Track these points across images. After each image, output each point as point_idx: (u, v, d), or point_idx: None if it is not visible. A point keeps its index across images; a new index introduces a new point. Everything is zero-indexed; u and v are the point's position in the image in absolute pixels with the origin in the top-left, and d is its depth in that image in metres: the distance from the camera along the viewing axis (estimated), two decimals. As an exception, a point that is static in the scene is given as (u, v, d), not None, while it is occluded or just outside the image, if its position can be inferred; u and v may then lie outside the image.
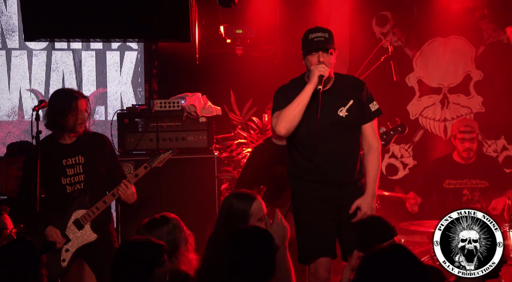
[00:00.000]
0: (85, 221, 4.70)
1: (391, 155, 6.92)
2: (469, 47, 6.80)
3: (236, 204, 3.86)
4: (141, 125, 5.62)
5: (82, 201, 4.72)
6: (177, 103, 5.66)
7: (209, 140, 5.66)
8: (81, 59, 6.70)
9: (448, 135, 6.82)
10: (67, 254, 4.69)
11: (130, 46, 6.70)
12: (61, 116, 4.67)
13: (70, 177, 4.74)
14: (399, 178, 6.89)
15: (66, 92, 4.80)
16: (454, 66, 6.82)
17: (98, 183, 4.82)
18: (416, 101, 6.90)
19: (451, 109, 6.85)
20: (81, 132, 4.77)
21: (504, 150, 6.79)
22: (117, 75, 6.75)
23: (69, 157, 4.75)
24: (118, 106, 6.66)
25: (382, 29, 6.85)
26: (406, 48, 6.86)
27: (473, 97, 6.83)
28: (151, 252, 3.37)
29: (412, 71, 6.89)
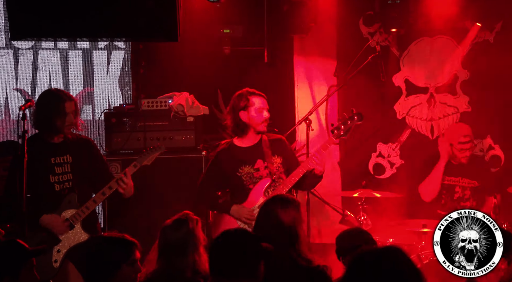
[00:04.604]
0: (75, 221, 4.70)
1: (378, 154, 6.94)
2: (455, 47, 6.83)
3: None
4: (128, 124, 5.63)
5: (71, 200, 4.73)
6: (164, 103, 5.67)
7: (197, 139, 5.68)
8: (68, 59, 6.68)
9: (435, 135, 6.84)
10: (59, 254, 4.69)
11: (117, 45, 6.70)
12: (48, 118, 4.69)
13: (59, 175, 4.75)
14: (386, 177, 6.91)
15: (54, 94, 4.80)
16: (440, 66, 6.85)
17: (86, 182, 4.84)
18: (403, 100, 6.93)
19: (438, 109, 6.88)
20: (68, 134, 4.78)
21: (490, 149, 6.81)
22: (104, 74, 6.74)
23: (58, 156, 4.76)
24: (105, 106, 6.65)
25: (369, 29, 6.86)
26: (393, 48, 6.88)
27: (460, 97, 6.85)
28: (120, 248, 3.40)
29: (399, 70, 6.91)
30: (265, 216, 3.90)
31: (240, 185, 5.02)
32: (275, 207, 3.89)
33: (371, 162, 6.93)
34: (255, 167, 5.01)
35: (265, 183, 4.98)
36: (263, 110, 5.00)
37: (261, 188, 4.98)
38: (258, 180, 5.00)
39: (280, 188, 4.92)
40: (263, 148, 5.03)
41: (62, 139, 4.78)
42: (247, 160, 5.02)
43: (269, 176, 4.97)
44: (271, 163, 4.98)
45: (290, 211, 3.87)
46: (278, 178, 4.99)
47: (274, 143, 5.08)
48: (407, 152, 6.88)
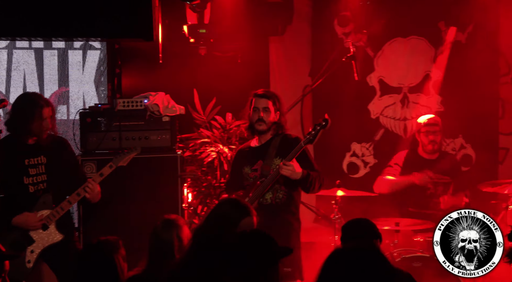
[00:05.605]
0: (49, 222, 4.69)
1: (352, 154, 7.00)
2: (428, 48, 6.91)
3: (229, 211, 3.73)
4: (103, 124, 5.60)
5: (46, 201, 4.72)
6: (140, 103, 5.65)
7: (172, 139, 5.65)
8: (43, 58, 6.63)
9: (408, 134, 6.92)
10: (32, 255, 4.68)
11: (93, 45, 6.65)
12: (25, 123, 4.67)
13: (33, 176, 4.73)
14: (360, 176, 6.97)
15: (31, 99, 4.77)
16: (414, 66, 6.93)
17: (60, 183, 4.82)
18: (377, 100, 7.00)
19: (411, 109, 6.96)
20: (44, 137, 4.77)
21: (462, 148, 6.92)
22: (80, 74, 6.69)
23: (32, 157, 4.74)
24: (80, 106, 6.60)
25: (344, 29, 6.91)
26: (367, 48, 6.93)
27: (433, 97, 6.93)
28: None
29: (373, 71, 6.98)
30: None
31: (242, 185, 4.98)
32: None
33: (345, 161, 6.99)
34: (253, 168, 4.94)
35: (256, 184, 4.91)
36: (258, 110, 4.94)
37: (251, 189, 4.91)
38: (252, 180, 4.93)
39: (258, 191, 4.84)
40: (269, 148, 4.95)
41: (36, 140, 4.76)
42: (249, 160, 4.96)
43: (257, 178, 4.89)
44: (268, 164, 4.89)
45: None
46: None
47: (285, 143, 4.93)
48: (381, 151, 6.94)
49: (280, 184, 4.85)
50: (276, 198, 4.88)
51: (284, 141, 4.95)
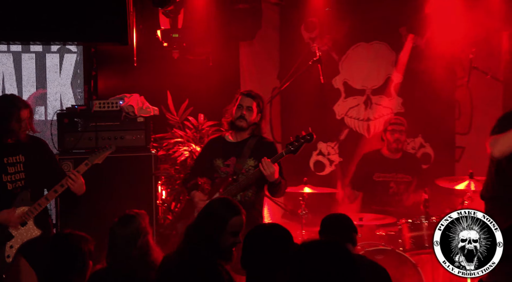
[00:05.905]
0: (28, 218, 4.74)
1: (319, 152, 7.09)
2: (389, 52, 7.07)
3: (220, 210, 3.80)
4: (80, 125, 5.62)
5: (24, 198, 4.77)
6: (115, 104, 5.68)
7: (147, 139, 5.70)
8: (21, 61, 6.63)
9: (371, 134, 7.05)
10: (12, 250, 4.72)
11: (70, 49, 6.67)
12: (4, 124, 4.71)
13: (11, 174, 4.77)
14: (326, 173, 7.08)
15: (9, 100, 4.80)
16: (376, 69, 7.06)
17: (38, 181, 4.87)
18: (342, 102, 7.11)
19: (374, 110, 7.08)
20: (22, 137, 4.82)
21: (421, 147, 7.07)
22: (57, 76, 6.70)
23: (10, 156, 4.78)
24: (58, 107, 6.61)
25: (311, 34, 7.01)
26: (332, 52, 7.03)
27: (394, 99, 7.07)
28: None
29: (338, 74, 7.09)
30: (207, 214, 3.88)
31: (211, 175, 5.08)
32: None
33: (312, 159, 7.08)
34: (226, 162, 5.03)
35: (227, 180, 5.02)
36: (242, 107, 5.02)
37: (222, 183, 5.02)
38: (224, 175, 5.04)
39: (232, 189, 4.96)
40: (244, 147, 5.03)
41: (15, 139, 4.79)
42: (223, 154, 5.04)
43: (229, 175, 5.00)
44: (241, 163, 5.00)
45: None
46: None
47: (259, 146, 5.04)
48: (346, 150, 7.05)
49: (251, 184, 4.99)
50: (245, 196, 5.01)
51: (259, 143, 5.06)
